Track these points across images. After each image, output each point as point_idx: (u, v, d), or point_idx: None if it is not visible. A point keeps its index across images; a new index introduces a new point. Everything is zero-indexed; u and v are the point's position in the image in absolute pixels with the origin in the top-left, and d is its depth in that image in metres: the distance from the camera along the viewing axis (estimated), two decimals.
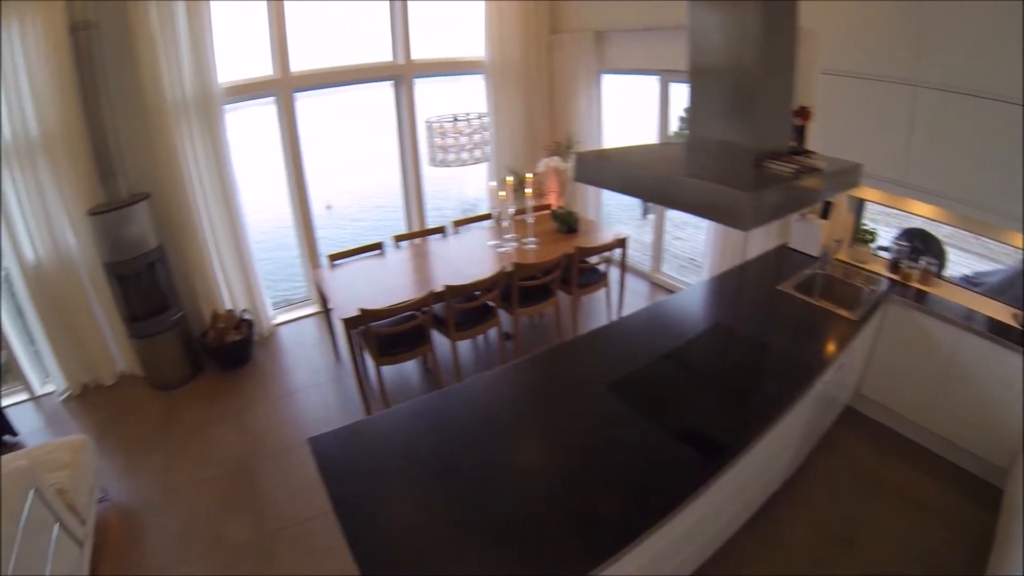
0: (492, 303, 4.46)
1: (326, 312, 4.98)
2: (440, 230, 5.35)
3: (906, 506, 3.27)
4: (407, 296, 4.09)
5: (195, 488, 3.77)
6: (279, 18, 5.06)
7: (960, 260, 3.95)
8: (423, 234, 5.36)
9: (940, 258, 3.82)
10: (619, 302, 5.38)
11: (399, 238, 5.20)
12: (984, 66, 2.95)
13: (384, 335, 4.06)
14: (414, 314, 4.07)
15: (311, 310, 6.02)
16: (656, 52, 5.30)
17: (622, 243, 4.95)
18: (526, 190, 4.97)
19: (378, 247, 4.99)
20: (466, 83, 6.38)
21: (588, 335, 3.34)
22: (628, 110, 6.43)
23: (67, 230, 4.49)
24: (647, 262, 6.35)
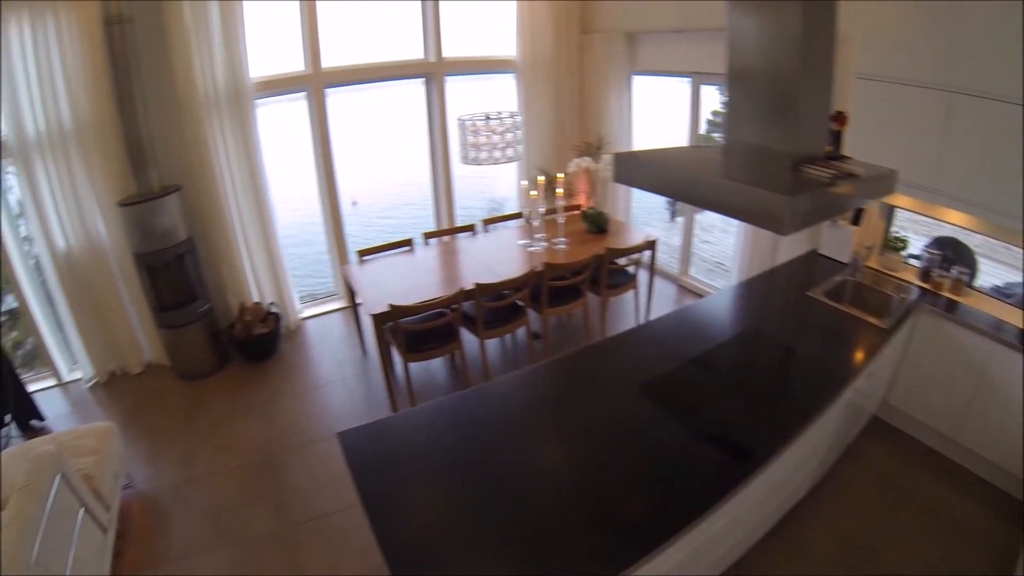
0: (521, 302, 4.41)
1: (354, 307, 4.96)
2: (470, 228, 5.33)
3: (931, 519, 3.20)
4: (436, 293, 4.06)
5: (219, 478, 3.76)
6: (311, 14, 5.07)
7: (991, 270, 3.85)
8: (453, 232, 5.34)
9: (971, 267, 3.73)
10: (647, 304, 5.31)
11: (429, 235, 5.17)
12: (1019, 72, 2.84)
13: (413, 331, 4.03)
14: (443, 311, 4.03)
15: (338, 305, 6.00)
16: (687, 54, 5.25)
17: (652, 245, 4.90)
18: (557, 190, 4.93)
19: (408, 244, 4.97)
20: (496, 82, 6.36)
21: (617, 337, 3.32)
22: (657, 112, 6.35)
23: (98, 220, 4.53)
24: (675, 265, 6.26)
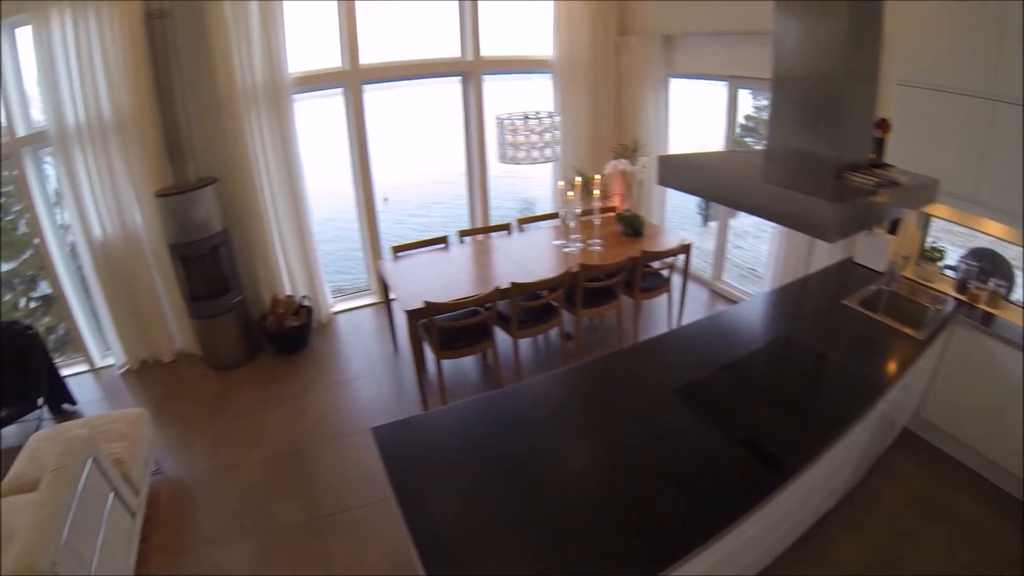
0: (556, 303, 4.34)
1: (387, 303, 4.94)
2: (505, 227, 5.28)
3: (960, 535, 3.10)
4: (470, 291, 4.02)
5: (247, 468, 3.75)
6: (349, 12, 5.08)
7: None
8: (487, 230, 5.31)
9: (1009, 280, 3.60)
10: (680, 309, 5.21)
11: (463, 233, 5.14)
12: None
13: (447, 329, 3.98)
14: (477, 310, 3.99)
15: (369, 300, 5.99)
16: (725, 58, 5.16)
17: (686, 249, 4.80)
18: (594, 191, 4.86)
19: (443, 241, 4.94)
20: (531, 82, 6.31)
21: (650, 341, 3.32)
22: (692, 115, 6.25)
23: (135, 210, 4.57)
24: (707, 270, 6.16)
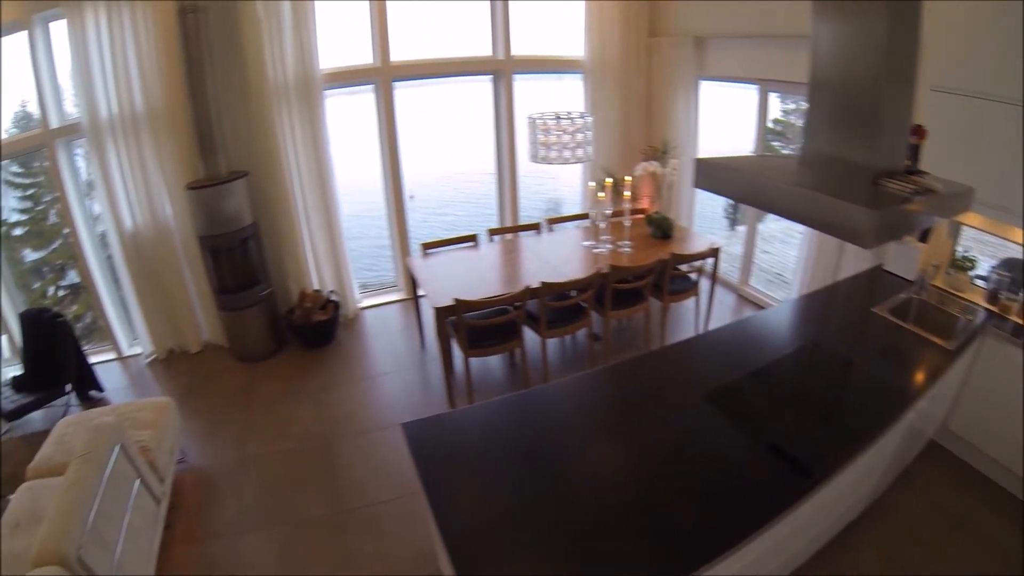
0: (585, 303, 4.29)
1: (415, 299, 4.92)
2: (535, 227, 5.24)
3: (984, 550, 3.03)
4: (498, 289, 3.99)
5: (271, 459, 3.74)
6: (381, 9, 5.08)
7: None
8: (517, 229, 5.28)
9: None
10: (707, 312, 5.13)
11: (493, 232, 5.11)
12: None
13: (476, 327, 3.94)
14: (506, 308, 3.95)
15: (396, 296, 5.98)
16: (756, 61, 5.07)
17: (716, 253, 4.73)
18: (624, 193, 4.80)
19: (472, 239, 4.92)
20: (562, 82, 6.27)
21: (678, 344, 3.31)
22: (721, 118, 6.17)
23: (166, 202, 4.60)
24: (735, 274, 6.06)
